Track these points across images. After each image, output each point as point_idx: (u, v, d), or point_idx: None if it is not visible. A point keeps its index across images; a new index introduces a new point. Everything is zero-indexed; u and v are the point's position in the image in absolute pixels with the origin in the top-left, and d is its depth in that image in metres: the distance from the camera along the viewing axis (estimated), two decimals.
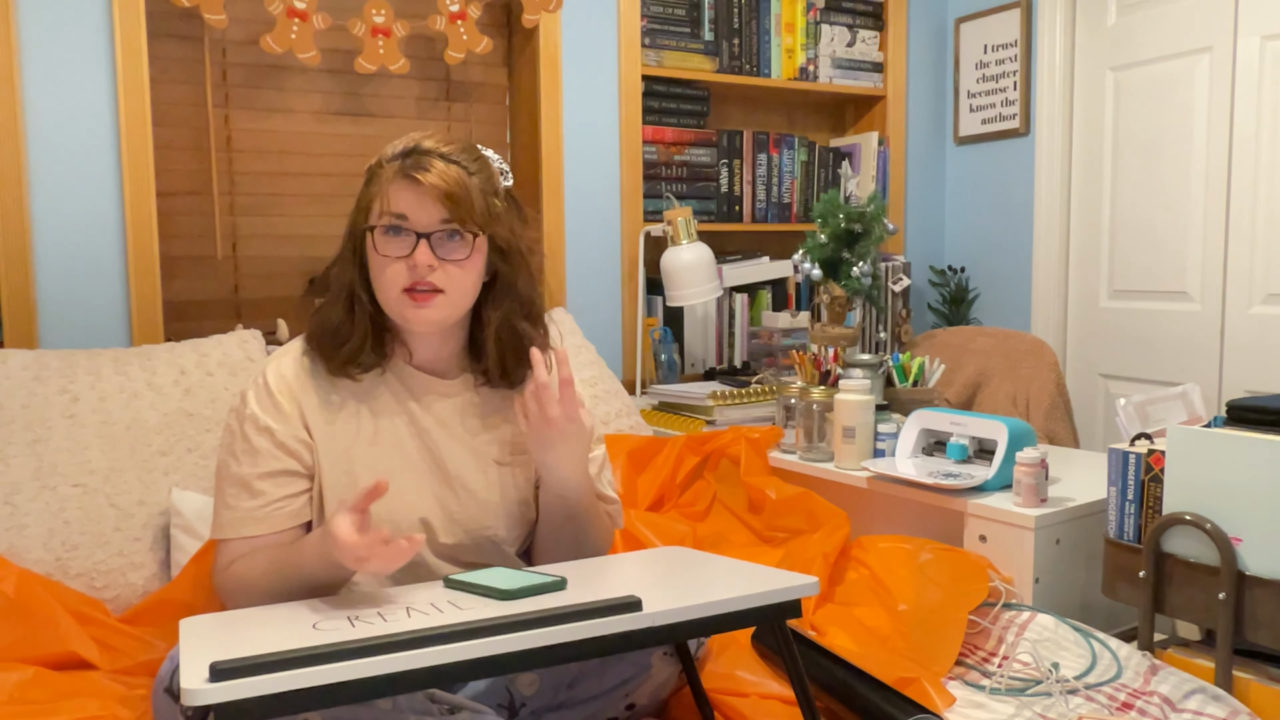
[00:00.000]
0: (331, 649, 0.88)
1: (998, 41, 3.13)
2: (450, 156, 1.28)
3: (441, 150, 1.28)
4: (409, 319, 1.28)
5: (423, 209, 1.25)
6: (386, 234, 1.26)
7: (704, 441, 2.06)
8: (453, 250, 1.27)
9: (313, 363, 1.33)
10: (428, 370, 1.37)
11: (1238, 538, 1.42)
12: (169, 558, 1.67)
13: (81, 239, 2.08)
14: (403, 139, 1.30)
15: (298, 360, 1.34)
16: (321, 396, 1.32)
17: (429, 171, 1.24)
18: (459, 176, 1.26)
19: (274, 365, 1.33)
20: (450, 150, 1.29)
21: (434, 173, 1.24)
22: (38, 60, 2.02)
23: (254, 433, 1.29)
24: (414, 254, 1.25)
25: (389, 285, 1.27)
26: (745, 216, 2.96)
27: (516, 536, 1.41)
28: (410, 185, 1.25)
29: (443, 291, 1.27)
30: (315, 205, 2.45)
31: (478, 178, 1.29)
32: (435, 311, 1.27)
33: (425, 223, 1.26)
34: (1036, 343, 2.60)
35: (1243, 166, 2.57)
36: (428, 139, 1.29)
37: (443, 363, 1.37)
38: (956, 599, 1.53)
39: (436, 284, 1.26)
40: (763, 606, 1.08)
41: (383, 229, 1.26)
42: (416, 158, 1.27)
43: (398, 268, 1.26)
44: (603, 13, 2.66)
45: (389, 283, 1.27)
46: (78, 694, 1.30)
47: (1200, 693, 1.35)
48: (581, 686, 1.29)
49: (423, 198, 1.25)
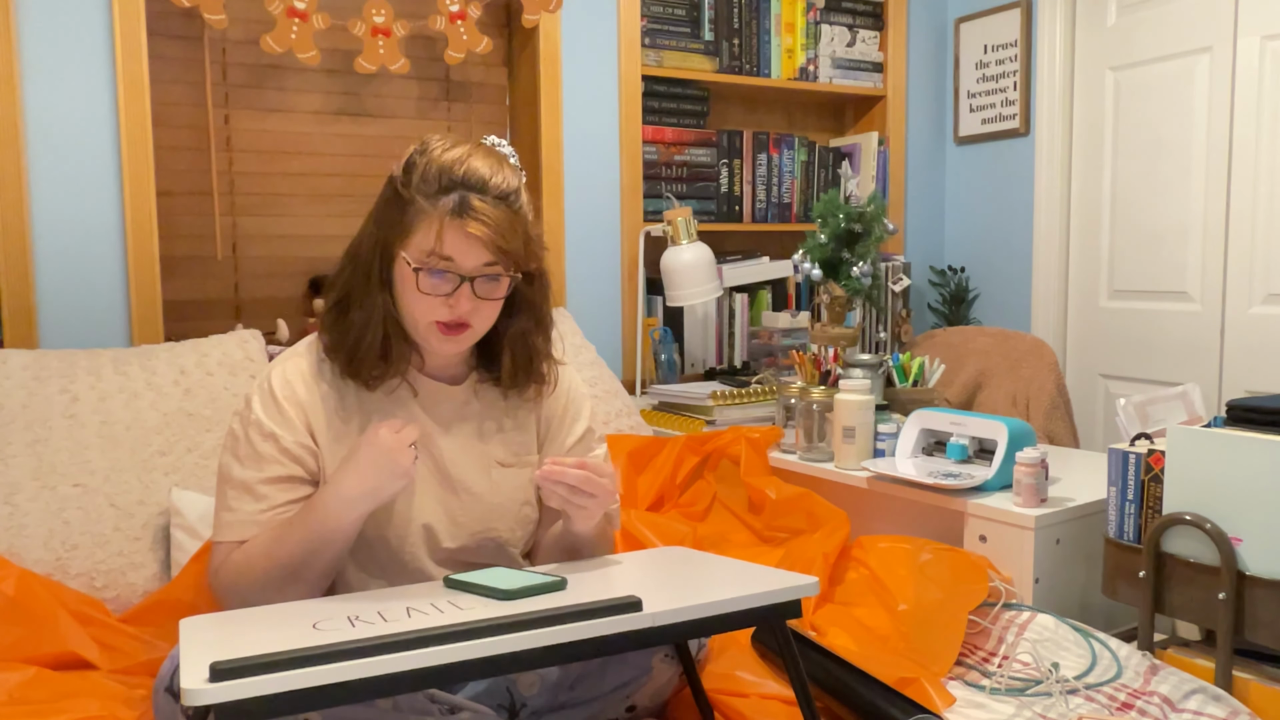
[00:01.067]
0: (331, 649, 0.88)
1: (998, 41, 3.13)
2: (498, 193, 1.24)
3: (491, 188, 1.23)
4: (435, 349, 1.30)
5: (470, 254, 1.23)
6: (430, 272, 1.24)
7: (704, 441, 2.06)
8: (491, 290, 1.27)
9: (320, 367, 1.33)
10: (435, 376, 1.37)
11: (1238, 538, 1.42)
12: (169, 558, 1.67)
13: (81, 239, 2.08)
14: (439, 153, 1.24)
15: (303, 365, 1.33)
16: (327, 402, 1.31)
17: (482, 220, 1.21)
18: (508, 221, 1.23)
19: (279, 370, 1.32)
20: (498, 184, 1.24)
21: (487, 220, 1.21)
22: (38, 60, 2.02)
23: (258, 438, 1.28)
24: (456, 296, 1.24)
25: (422, 315, 1.26)
26: (745, 216, 2.96)
27: (520, 537, 1.41)
28: (459, 231, 1.22)
29: (472, 326, 1.28)
30: (315, 205, 2.45)
31: (521, 215, 1.27)
32: (463, 344, 1.30)
33: (470, 267, 1.24)
34: (1036, 343, 2.60)
35: (1243, 166, 2.57)
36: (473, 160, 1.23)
37: (452, 368, 1.38)
38: (956, 599, 1.53)
39: (470, 320, 1.27)
40: (763, 606, 1.08)
41: (427, 270, 1.24)
42: (464, 196, 1.22)
43: (434, 302, 1.25)
44: (603, 13, 2.66)
45: (422, 313, 1.26)
46: (78, 694, 1.30)
47: (1200, 693, 1.35)
48: (582, 687, 1.29)
49: (472, 244, 1.22)
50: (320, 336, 1.34)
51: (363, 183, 2.49)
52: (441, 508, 1.34)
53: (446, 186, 1.22)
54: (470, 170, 1.23)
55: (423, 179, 1.23)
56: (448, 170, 1.23)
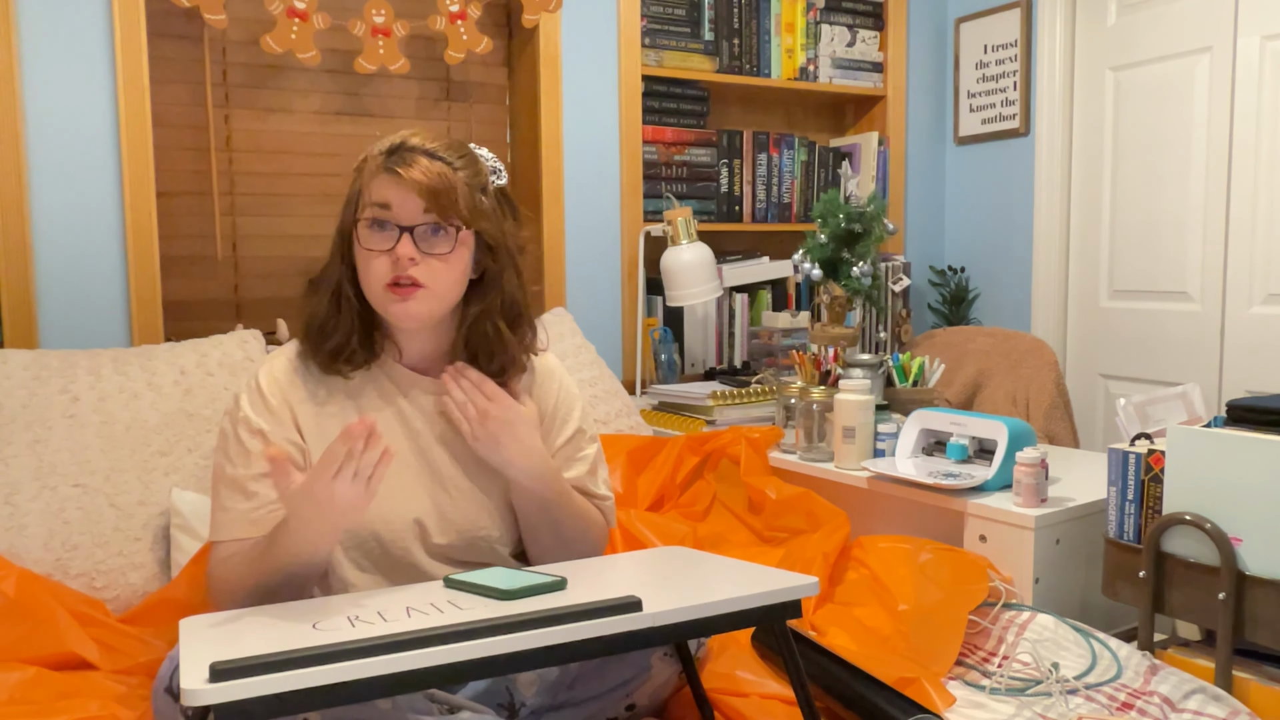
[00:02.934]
0: (331, 649, 0.88)
1: (998, 41, 3.13)
2: (435, 153, 1.29)
3: (427, 147, 1.29)
4: (393, 313, 1.29)
5: (405, 203, 1.26)
6: (371, 227, 1.28)
7: (704, 441, 2.06)
8: (436, 244, 1.28)
9: (304, 364, 1.34)
10: (418, 369, 1.37)
11: (1238, 538, 1.42)
12: (169, 558, 1.67)
13: (81, 239, 2.08)
14: (391, 135, 1.32)
15: (290, 361, 1.35)
16: (312, 397, 1.33)
17: (412, 166, 1.26)
18: (442, 171, 1.27)
19: (266, 367, 1.34)
20: (436, 147, 1.30)
21: (417, 168, 1.26)
22: (38, 60, 2.02)
23: (247, 435, 1.29)
24: (396, 247, 1.26)
25: (373, 279, 1.28)
26: (745, 216, 2.96)
27: (510, 537, 1.41)
28: (393, 179, 1.26)
29: (425, 286, 1.27)
30: (315, 205, 2.45)
31: (464, 173, 1.30)
32: (418, 305, 1.28)
33: (408, 216, 1.26)
34: (1036, 343, 2.60)
35: (1243, 166, 2.57)
36: (415, 135, 1.31)
37: (431, 360, 1.38)
38: (956, 599, 1.53)
39: (419, 278, 1.27)
40: (763, 606, 1.08)
41: (367, 222, 1.28)
42: (401, 153, 1.28)
43: (381, 262, 1.27)
44: (603, 13, 2.66)
45: (373, 277, 1.28)
46: (78, 694, 1.30)
47: (1200, 693, 1.35)
48: (581, 687, 1.29)
49: (405, 191, 1.26)
50: None
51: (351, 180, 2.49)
52: (431, 502, 1.34)
53: (389, 150, 1.29)
54: (415, 138, 1.30)
55: (373, 149, 1.32)
56: (392, 138, 1.31)
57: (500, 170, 1.37)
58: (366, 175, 1.30)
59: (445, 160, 1.29)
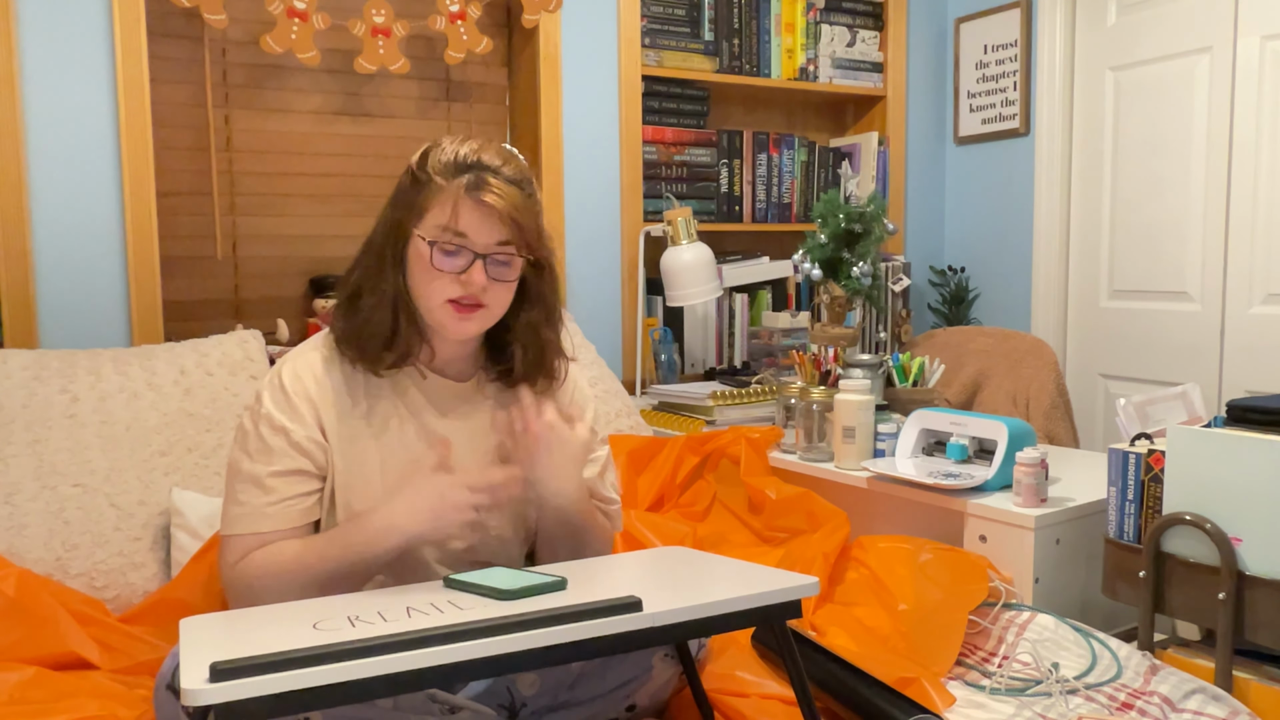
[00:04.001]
0: (331, 649, 0.88)
1: (998, 41, 3.13)
2: (512, 176, 1.28)
3: (503, 171, 1.28)
4: (450, 330, 1.30)
5: (484, 230, 1.26)
6: (444, 248, 1.26)
7: (704, 441, 2.06)
8: (504, 272, 1.29)
9: (329, 363, 1.33)
10: (444, 371, 1.37)
11: (1238, 538, 1.42)
12: (169, 558, 1.67)
13: (81, 239, 2.08)
14: (453, 145, 1.29)
15: (314, 360, 1.33)
16: (337, 398, 1.32)
17: (496, 194, 1.25)
18: (521, 200, 1.27)
19: (290, 365, 1.33)
20: (510, 170, 1.29)
21: (501, 196, 1.25)
22: (38, 60, 2.02)
23: (269, 432, 1.28)
24: (469, 273, 1.26)
25: (435, 295, 1.27)
26: (745, 216, 2.96)
27: (523, 537, 1.42)
28: (475, 206, 1.25)
29: (486, 306, 1.29)
30: (315, 205, 2.45)
31: (534, 200, 1.31)
32: (477, 324, 1.30)
33: (484, 244, 1.26)
34: (1036, 343, 2.60)
35: (1243, 166, 2.57)
36: (485, 150, 1.28)
37: (461, 363, 1.39)
38: (956, 599, 1.53)
39: (482, 300, 1.28)
40: (763, 606, 1.08)
41: (440, 245, 1.26)
42: (480, 175, 1.26)
43: (447, 280, 1.27)
44: (603, 13, 2.66)
45: (436, 292, 1.27)
46: (78, 694, 1.30)
47: (1200, 693, 1.35)
48: (582, 687, 1.29)
49: (487, 219, 1.25)
50: (333, 327, 1.35)
51: (363, 183, 2.49)
52: None
53: (463, 167, 1.27)
54: (485, 155, 1.28)
55: (439, 161, 1.28)
56: (464, 154, 1.28)
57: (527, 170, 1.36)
58: (436, 191, 1.26)
59: (521, 186, 1.28)
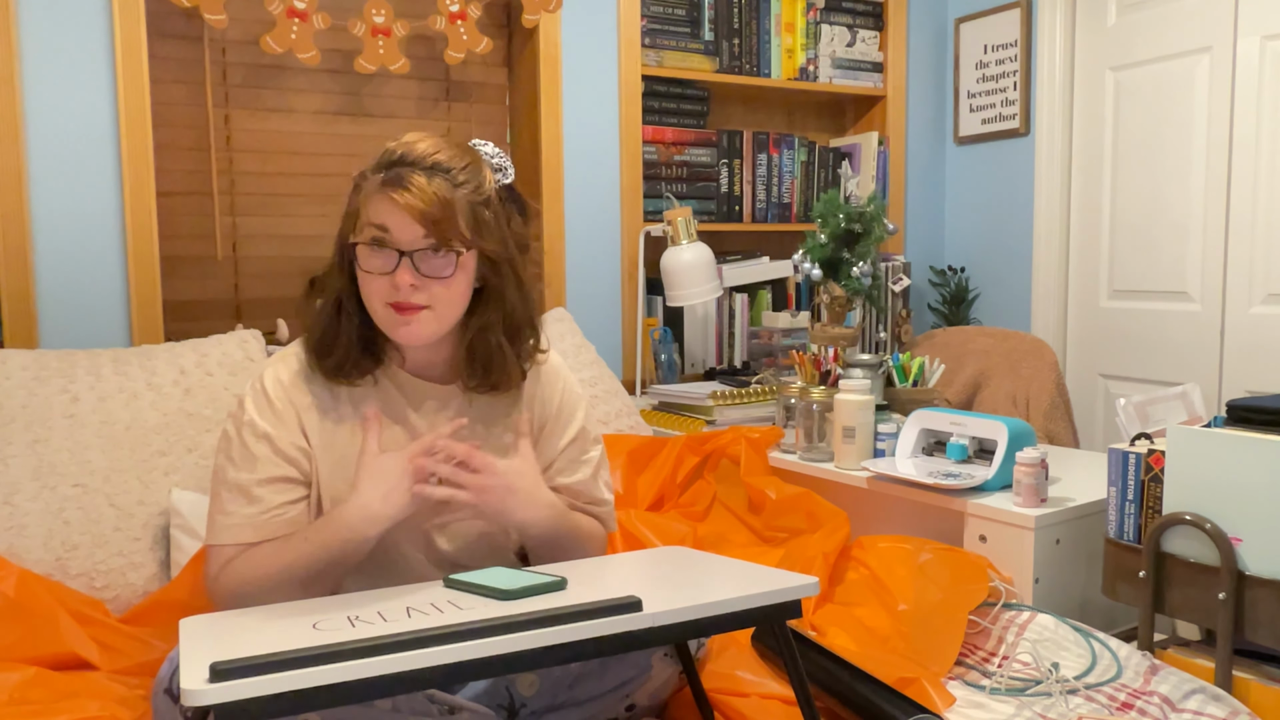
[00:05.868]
0: (331, 649, 0.88)
1: (998, 41, 3.13)
2: (437, 167, 1.24)
3: (427, 160, 1.24)
4: (396, 335, 1.28)
5: (404, 226, 1.23)
6: (370, 248, 1.24)
7: (704, 441, 2.06)
8: (438, 268, 1.25)
9: (310, 369, 1.32)
10: (422, 375, 1.36)
11: (1238, 538, 1.42)
12: (169, 558, 1.67)
13: (81, 239, 2.08)
14: (394, 143, 1.27)
15: (296, 366, 1.33)
16: (319, 402, 1.31)
17: (408, 189, 1.21)
18: (441, 192, 1.22)
19: (271, 371, 1.32)
20: (438, 158, 1.25)
21: (414, 190, 1.21)
22: (38, 60, 2.02)
23: (252, 439, 1.28)
24: (395, 273, 1.23)
25: (375, 299, 1.26)
26: (745, 216, 2.96)
27: (515, 540, 1.41)
28: (388, 199, 1.23)
29: (429, 308, 1.26)
30: (315, 205, 2.45)
31: (465, 188, 1.25)
32: (421, 327, 1.26)
33: (407, 240, 1.23)
34: (1036, 343, 2.60)
35: (1243, 166, 2.57)
36: (419, 142, 1.26)
37: (436, 368, 1.37)
38: (956, 599, 1.53)
39: (421, 301, 1.25)
40: (763, 606, 1.08)
41: (366, 243, 1.24)
42: (399, 171, 1.23)
43: (382, 282, 1.24)
44: (603, 13, 2.66)
45: (375, 297, 1.26)
46: (78, 694, 1.30)
47: (1200, 693, 1.35)
48: (582, 687, 1.29)
49: (403, 215, 1.22)
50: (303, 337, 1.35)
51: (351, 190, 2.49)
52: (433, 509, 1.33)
53: (385, 164, 1.26)
54: (409, 147, 1.26)
55: (374, 164, 1.28)
56: (391, 151, 1.27)
57: (506, 168, 1.33)
58: (365, 192, 1.26)
59: (445, 173, 1.24)
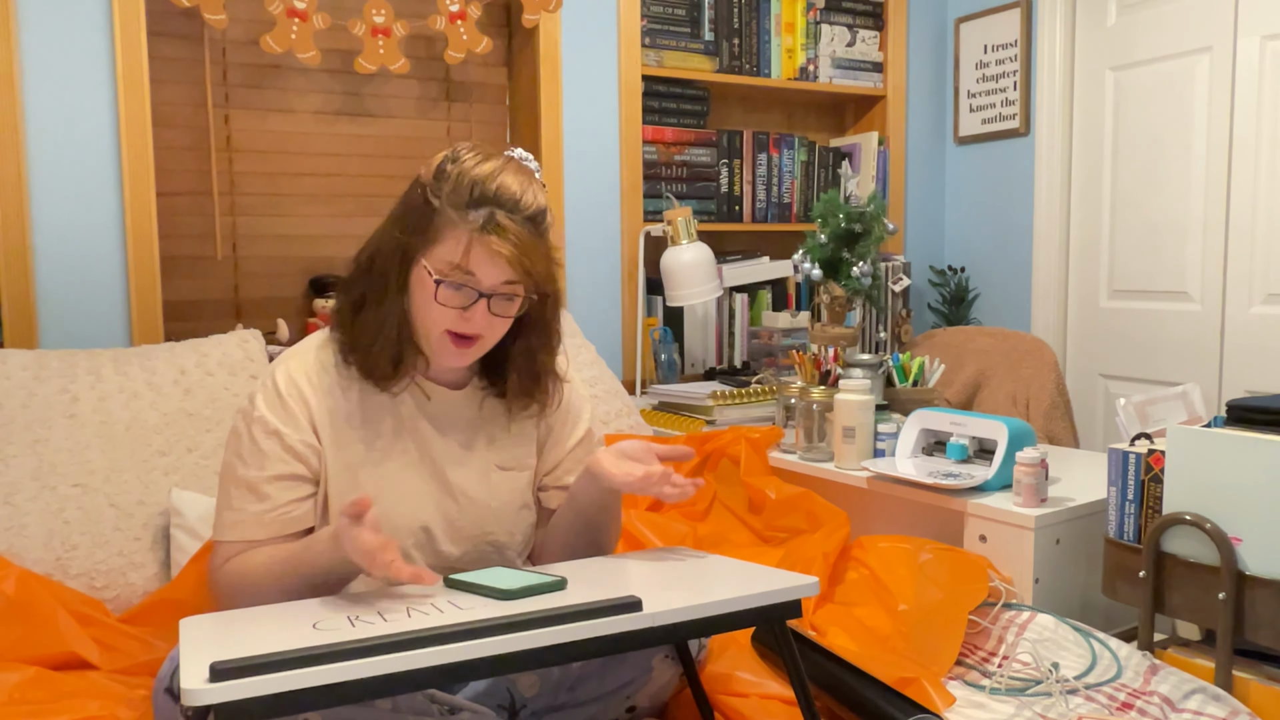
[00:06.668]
0: (331, 649, 0.88)
1: (998, 41, 3.13)
2: (528, 213, 1.23)
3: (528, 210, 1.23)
4: (445, 359, 1.29)
5: (493, 272, 1.23)
6: (447, 284, 1.23)
7: (704, 441, 2.06)
8: (506, 308, 1.27)
9: (323, 367, 1.32)
10: (438, 380, 1.36)
11: (1238, 538, 1.42)
12: (169, 558, 1.67)
13: (81, 239, 2.08)
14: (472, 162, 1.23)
15: (309, 363, 1.32)
16: (331, 401, 1.31)
17: (509, 240, 1.21)
18: (534, 243, 1.23)
19: (283, 368, 1.32)
20: (537, 207, 1.24)
21: (513, 242, 1.21)
22: (38, 60, 2.02)
23: (262, 436, 1.27)
24: (472, 310, 1.24)
25: (434, 324, 1.26)
26: (745, 216, 2.96)
27: (520, 541, 1.41)
28: (486, 248, 1.21)
29: (483, 337, 1.28)
30: (315, 205, 2.45)
31: (546, 237, 1.27)
32: (473, 354, 1.29)
33: (490, 284, 1.24)
34: (1036, 343, 2.60)
35: (1243, 166, 2.57)
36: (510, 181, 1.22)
37: (453, 374, 1.38)
38: (956, 599, 1.53)
39: (480, 331, 1.26)
40: (763, 606, 1.08)
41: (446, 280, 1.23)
42: (496, 218, 1.21)
43: (450, 314, 1.25)
44: (603, 13, 2.66)
45: (435, 321, 1.25)
46: (78, 694, 1.30)
47: (1200, 693, 1.35)
48: (582, 688, 1.29)
49: (497, 262, 1.22)
50: (332, 334, 1.33)
51: (363, 183, 2.49)
52: (439, 512, 1.34)
53: (477, 200, 1.22)
54: (502, 187, 1.22)
55: (454, 189, 1.22)
56: (480, 184, 1.22)
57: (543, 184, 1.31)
58: (447, 224, 1.22)
59: (535, 223, 1.25)
